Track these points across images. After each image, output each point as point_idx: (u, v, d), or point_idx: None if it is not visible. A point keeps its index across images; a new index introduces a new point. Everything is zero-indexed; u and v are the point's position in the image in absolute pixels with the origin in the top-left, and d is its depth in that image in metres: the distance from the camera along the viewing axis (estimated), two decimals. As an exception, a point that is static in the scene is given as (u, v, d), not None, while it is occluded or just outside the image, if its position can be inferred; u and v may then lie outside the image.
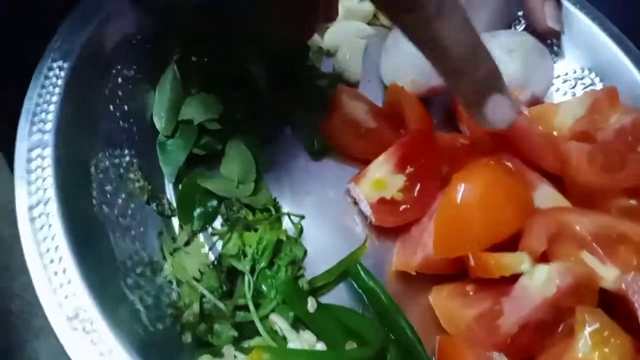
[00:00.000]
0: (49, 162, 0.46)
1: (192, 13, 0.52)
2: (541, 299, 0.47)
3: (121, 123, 0.55)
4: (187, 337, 0.44)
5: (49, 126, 0.48)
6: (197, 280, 0.45)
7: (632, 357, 0.44)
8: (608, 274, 0.48)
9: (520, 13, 0.72)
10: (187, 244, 0.48)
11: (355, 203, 0.59)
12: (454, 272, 0.53)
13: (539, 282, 0.48)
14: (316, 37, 0.68)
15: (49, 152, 0.47)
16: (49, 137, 0.47)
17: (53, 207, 0.44)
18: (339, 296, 0.53)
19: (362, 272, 0.52)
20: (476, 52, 0.44)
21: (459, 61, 0.43)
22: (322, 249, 0.56)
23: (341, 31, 0.69)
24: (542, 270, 0.48)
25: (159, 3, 0.56)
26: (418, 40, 0.44)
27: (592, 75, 0.69)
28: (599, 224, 0.50)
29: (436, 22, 0.41)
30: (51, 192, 0.45)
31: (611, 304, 0.48)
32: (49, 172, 0.46)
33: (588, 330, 0.45)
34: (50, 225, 0.44)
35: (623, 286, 0.45)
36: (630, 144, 0.58)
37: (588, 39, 0.70)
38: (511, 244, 0.52)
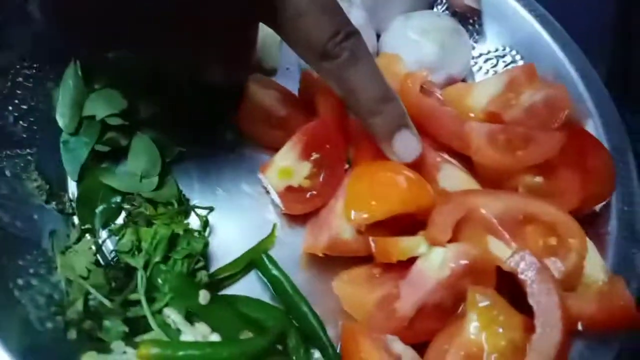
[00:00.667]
0: None
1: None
2: (436, 281, 0.46)
3: (21, 122, 0.55)
4: (72, 334, 0.44)
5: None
6: (85, 278, 0.45)
7: (522, 336, 0.44)
8: (505, 255, 0.47)
9: (440, -6, 0.71)
10: (77, 241, 0.48)
11: (268, 192, 0.58)
12: (361, 254, 0.53)
13: (435, 264, 0.47)
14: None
15: None
16: None
17: None
18: (248, 287, 0.53)
19: (266, 261, 0.52)
20: (386, 95, 0.49)
21: (371, 103, 0.49)
22: (233, 241, 0.55)
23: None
24: (438, 253, 0.47)
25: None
26: (333, 83, 0.49)
27: (514, 52, 0.69)
28: (506, 206, 0.50)
29: (350, 69, 0.48)
30: None
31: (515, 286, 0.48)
32: None
33: (478, 309, 0.44)
34: None
35: (512, 264, 0.45)
36: (542, 120, 0.57)
37: (509, 17, 0.69)
38: (416, 227, 0.51)
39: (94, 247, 0.47)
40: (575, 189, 0.53)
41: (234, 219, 0.57)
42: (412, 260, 0.49)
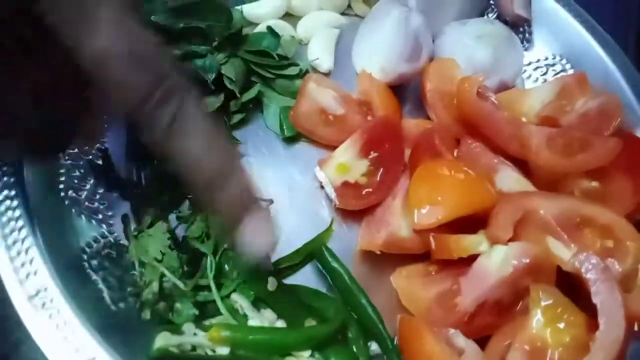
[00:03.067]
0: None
1: None
2: (498, 278, 0.48)
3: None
4: (146, 315, 0.45)
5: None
6: (159, 261, 0.46)
7: (585, 333, 0.45)
8: (566, 255, 0.49)
9: (492, 1, 0.72)
10: (150, 226, 0.49)
11: (322, 187, 0.60)
12: (417, 251, 0.54)
13: (496, 262, 0.48)
14: (289, 27, 0.69)
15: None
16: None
17: (19, 192, 0.46)
18: (305, 277, 0.54)
19: (326, 254, 0.53)
20: (226, 168, 0.40)
21: (207, 176, 0.40)
22: (289, 232, 0.57)
23: (314, 21, 0.70)
24: (499, 250, 0.49)
25: None
26: (158, 153, 0.39)
27: (564, 61, 0.70)
28: (563, 207, 0.51)
29: (174, 140, 0.38)
30: (16, 177, 0.46)
31: (572, 285, 0.49)
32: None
33: (542, 306, 0.45)
34: (14, 208, 0.45)
35: (577, 264, 0.46)
36: (595, 127, 0.58)
37: (559, 26, 0.70)
38: (473, 225, 0.53)
39: (167, 232, 0.48)
40: (629, 194, 0.54)
41: (290, 212, 0.58)
42: (469, 258, 0.50)
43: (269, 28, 0.65)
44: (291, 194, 0.59)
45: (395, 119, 0.59)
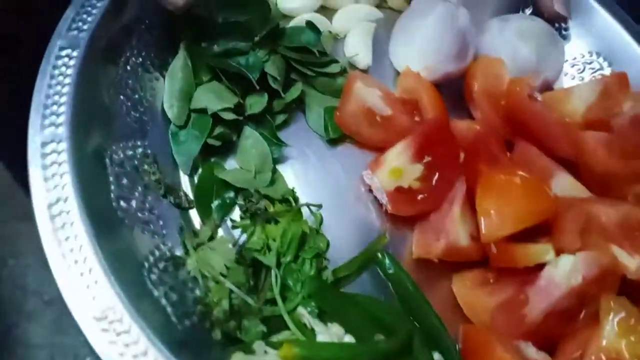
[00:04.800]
0: (64, 157, 0.44)
1: None
2: (567, 288, 0.47)
3: (132, 113, 0.53)
4: (217, 334, 0.43)
5: (62, 118, 0.46)
6: (224, 276, 0.44)
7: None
8: (632, 264, 0.48)
9: (529, -3, 0.71)
10: (210, 239, 0.47)
11: (370, 190, 0.58)
12: (475, 259, 0.53)
13: (564, 271, 0.48)
14: (325, 21, 0.66)
15: (64, 146, 0.45)
16: (63, 130, 0.45)
17: (73, 204, 0.43)
18: (361, 285, 0.53)
19: (388, 261, 0.52)
20: None
21: None
22: (340, 238, 0.55)
23: (350, 15, 0.68)
24: (567, 260, 0.48)
25: None
26: None
27: (600, 59, 0.69)
28: (624, 214, 0.50)
29: None
30: (69, 189, 0.43)
31: (630, 291, 0.49)
32: (66, 167, 0.44)
33: (614, 318, 0.45)
34: (72, 223, 0.42)
35: (647, 275, 0.46)
36: (642, 130, 0.58)
37: (596, 23, 0.70)
38: (530, 231, 0.52)
39: (231, 245, 0.46)
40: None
41: (339, 217, 0.57)
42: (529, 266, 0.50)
43: (309, 23, 0.62)
44: (338, 198, 0.58)
45: (447, 122, 0.57)
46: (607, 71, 0.69)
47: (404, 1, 0.71)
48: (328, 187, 0.58)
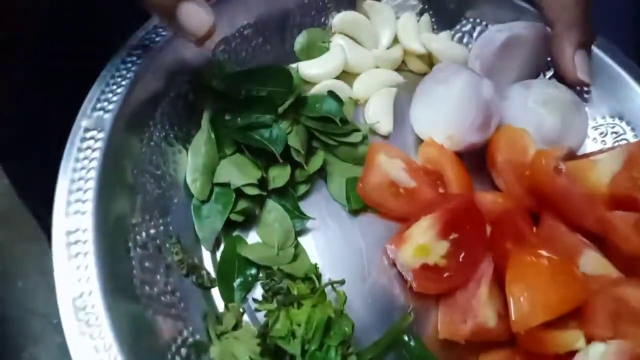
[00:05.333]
0: (89, 247, 0.44)
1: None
2: (598, 378, 0.46)
3: (156, 190, 0.53)
4: None
5: (87, 206, 0.46)
6: (249, 367, 0.44)
7: None
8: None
9: (549, 58, 0.71)
10: (235, 326, 0.46)
11: (394, 264, 0.57)
12: (503, 339, 0.52)
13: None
14: (346, 87, 0.66)
15: (89, 236, 0.44)
16: (88, 219, 0.45)
17: (97, 298, 0.42)
18: (385, 366, 0.52)
19: (413, 342, 0.51)
20: None
21: None
22: (363, 316, 0.54)
23: (371, 80, 0.68)
24: (598, 349, 0.47)
25: None
26: None
27: (623, 124, 0.69)
28: (654, 297, 0.49)
29: None
30: (95, 281, 0.43)
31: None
32: (91, 259, 0.43)
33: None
34: (96, 317, 0.42)
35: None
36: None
37: (617, 87, 0.69)
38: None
39: (256, 334, 0.45)
40: None
41: (362, 292, 0.56)
42: (558, 350, 0.49)
43: (332, 93, 0.62)
44: (361, 272, 0.57)
45: (471, 196, 0.57)
46: (629, 135, 0.68)
47: (425, 65, 0.71)
48: (351, 260, 0.57)
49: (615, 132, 0.69)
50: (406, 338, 0.52)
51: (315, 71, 0.66)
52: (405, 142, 0.66)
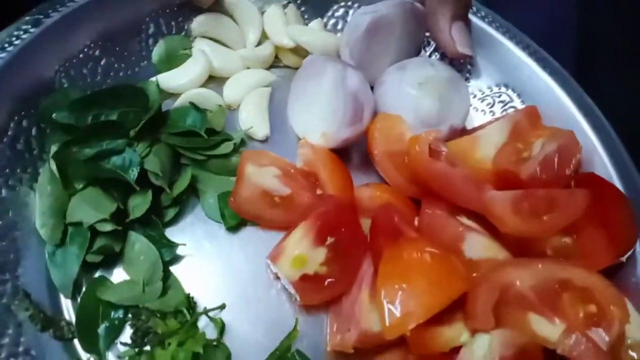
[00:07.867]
0: None
1: None
2: (484, 371, 0.44)
3: (2, 242, 0.48)
4: None
5: None
6: None
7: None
8: (554, 333, 0.45)
9: (427, 34, 0.68)
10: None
11: (278, 277, 0.54)
12: (392, 342, 0.49)
13: (481, 353, 0.44)
14: (214, 94, 0.62)
15: None
16: None
17: None
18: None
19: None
20: None
21: None
22: (249, 339, 0.51)
23: (242, 82, 0.63)
24: (483, 342, 0.45)
25: None
26: None
27: (510, 92, 0.66)
28: (540, 275, 0.47)
29: None
30: None
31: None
32: None
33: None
34: None
35: (567, 349, 0.42)
36: (554, 170, 0.55)
37: (503, 55, 0.66)
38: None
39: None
40: (603, 244, 0.51)
41: (246, 313, 0.52)
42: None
43: (192, 104, 0.58)
44: (244, 290, 0.53)
45: (348, 196, 0.54)
46: (517, 103, 0.65)
47: (302, 58, 0.66)
48: (233, 281, 0.54)
49: (502, 101, 0.67)
50: (297, 357, 0.49)
51: (177, 82, 0.61)
52: (287, 145, 0.62)
